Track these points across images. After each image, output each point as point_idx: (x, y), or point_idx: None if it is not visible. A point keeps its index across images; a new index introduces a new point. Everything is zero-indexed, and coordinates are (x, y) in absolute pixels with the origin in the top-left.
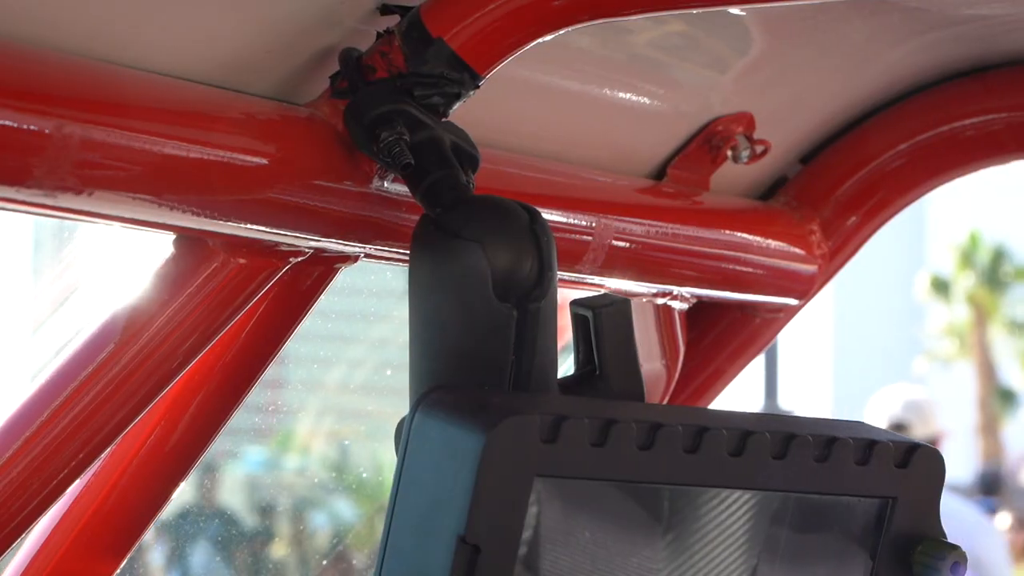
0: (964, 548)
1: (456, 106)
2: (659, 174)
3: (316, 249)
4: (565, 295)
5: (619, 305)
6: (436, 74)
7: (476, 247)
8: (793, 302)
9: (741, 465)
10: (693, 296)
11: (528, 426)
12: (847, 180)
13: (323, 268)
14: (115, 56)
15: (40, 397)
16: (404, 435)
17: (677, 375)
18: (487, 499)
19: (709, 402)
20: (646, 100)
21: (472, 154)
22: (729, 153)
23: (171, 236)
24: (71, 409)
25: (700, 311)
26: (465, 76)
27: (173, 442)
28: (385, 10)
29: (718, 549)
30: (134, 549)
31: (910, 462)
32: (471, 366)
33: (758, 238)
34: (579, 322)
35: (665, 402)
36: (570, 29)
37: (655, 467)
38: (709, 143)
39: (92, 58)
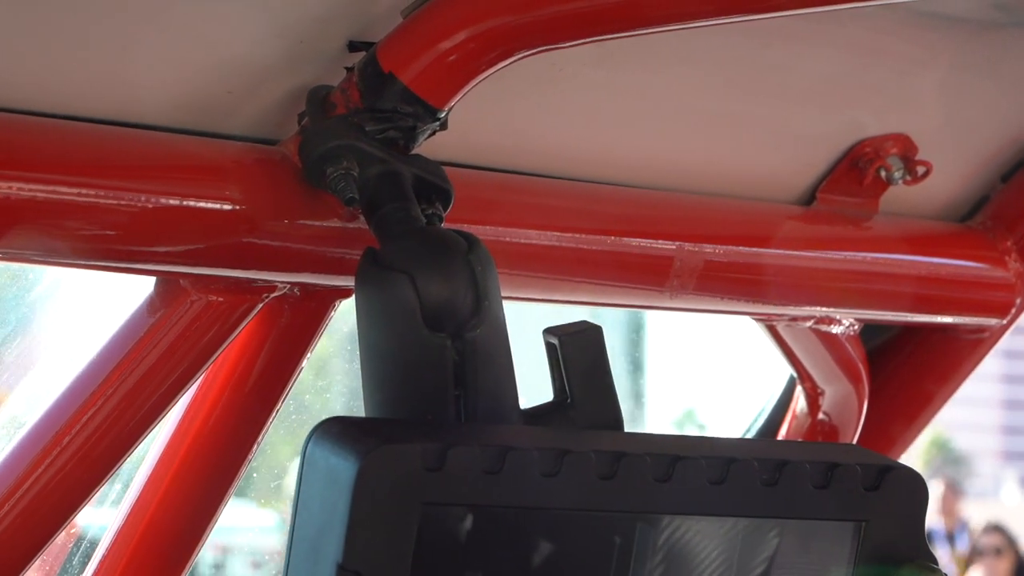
0: None
1: (421, 140)
2: (808, 199)
3: (303, 285)
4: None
5: (588, 332)
6: (389, 109)
7: (404, 278)
8: (993, 322)
9: (669, 491)
10: (859, 320)
11: (408, 454)
12: None
13: (317, 304)
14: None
15: (33, 437)
16: (299, 464)
17: (867, 396)
18: (365, 526)
19: (921, 425)
20: (787, 125)
21: (441, 187)
22: (883, 174)
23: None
24: (68, 442)
25: (898, 334)
26: (419, 109)
27: (195, 482)
28: (352, 47)
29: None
30: None
31: (881, 485)
32: (412, 397)
33: (934, 259)
34: (550, 351)
35: (862, 421)
36: (523, 55)
37: (563, 494)
38: (856, 165)
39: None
